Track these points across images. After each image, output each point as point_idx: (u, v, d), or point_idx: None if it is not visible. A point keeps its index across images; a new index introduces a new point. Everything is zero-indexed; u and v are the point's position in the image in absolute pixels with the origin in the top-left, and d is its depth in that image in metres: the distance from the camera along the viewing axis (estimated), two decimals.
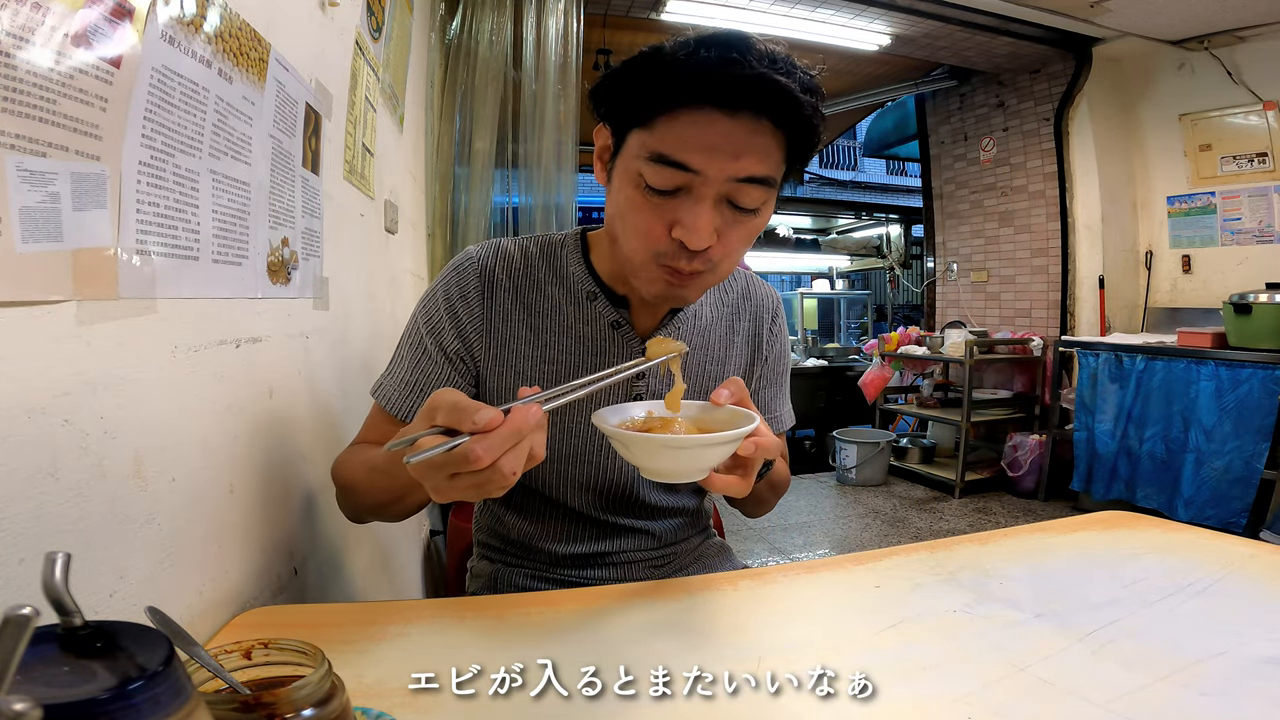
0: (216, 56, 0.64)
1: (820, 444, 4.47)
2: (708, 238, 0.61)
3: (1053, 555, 0.78)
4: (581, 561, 0.83)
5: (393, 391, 0.76)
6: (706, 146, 0.58)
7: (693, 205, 0.61)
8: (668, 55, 0.59)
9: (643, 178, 0.61)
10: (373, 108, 1.33)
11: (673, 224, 0.61)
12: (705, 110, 0.58)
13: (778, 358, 0.90)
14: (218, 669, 0.37)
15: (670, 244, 0.63)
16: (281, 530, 0.82)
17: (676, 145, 0.59)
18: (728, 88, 0.57)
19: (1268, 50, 3.05)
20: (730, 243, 0.64)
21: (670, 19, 3.20)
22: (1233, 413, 2.64)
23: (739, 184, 0.60)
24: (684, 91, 0.58)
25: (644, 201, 0.62)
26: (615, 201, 0.66)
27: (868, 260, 6.39)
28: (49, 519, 0.44)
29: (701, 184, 0.60)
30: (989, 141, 4.13)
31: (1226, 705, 0.48)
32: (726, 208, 0.62)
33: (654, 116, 0.60)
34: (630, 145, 0.63)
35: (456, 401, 0.47)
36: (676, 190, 0.61)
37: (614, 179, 0.67)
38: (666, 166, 0.59)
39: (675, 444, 0.55)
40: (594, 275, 0.78)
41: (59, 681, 0.25)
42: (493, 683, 0.52)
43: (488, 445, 0.45)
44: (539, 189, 2.49)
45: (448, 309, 0.76)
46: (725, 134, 0.58)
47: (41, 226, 0.43)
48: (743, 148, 0.59)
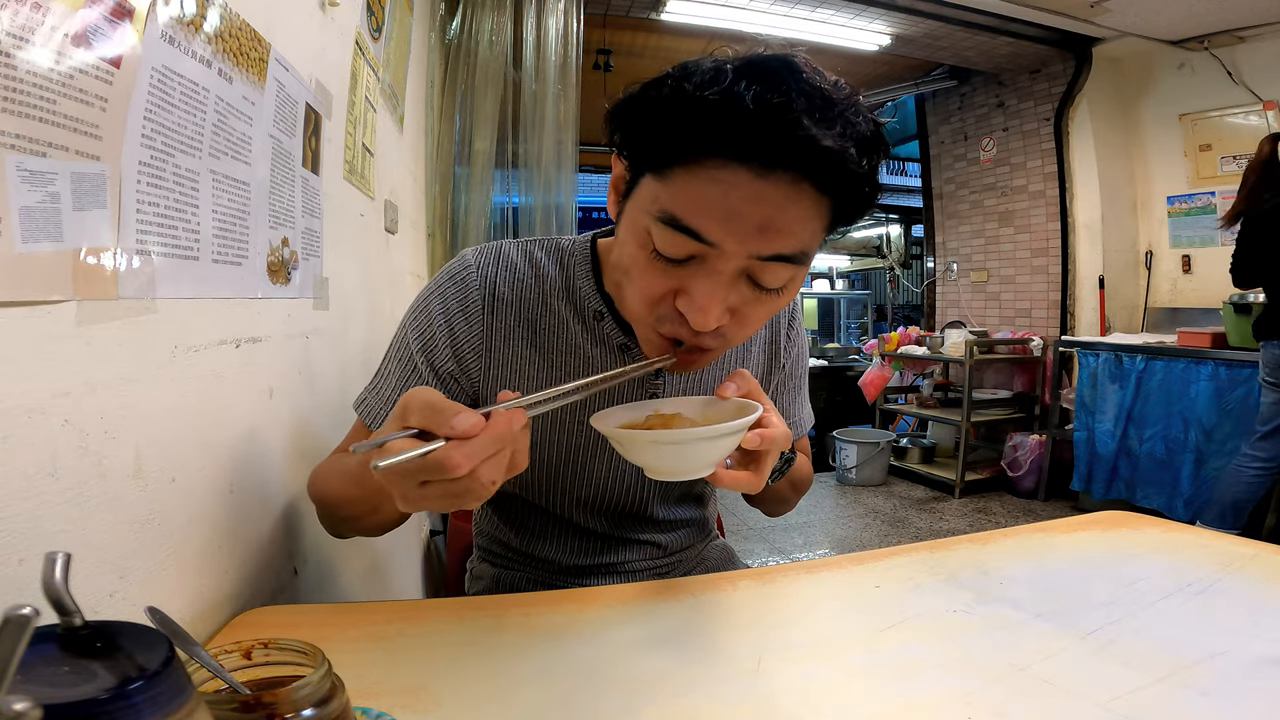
0: (216, 56, 0.64)
1: (820, 444, 4.47)
2: (716, 319, 0.52)
3: (1053, 555, 0.78)
4: (587, 572, 0.82)
5: (377, 408, 0.70)
6: (728, 214, 0.48)
7: (704, 279, 0.51)
8: (692, 91, 0.47)
9: (650, 238, 0.52)
10: (373, 108, 1.33)
11: (678, 292, 0.53)
12: (731, 166, 0.47)
13: (796, 361, 0.85)
14: (218, 669, 0.37)
15: (673, 310, 0.54)
16: (281, 530, 0.82)
17: (691, 208, 0.49)
18: (762, 145, 0.46)
19: (1268, 50, 3.05)
20: (746, 322, 0.55)
21: (670, 19, 3.20)
22: (1233, 413, 2.64)
23: (763, 261, 0.50)
24: (706, 141, 0.47)
25: (649, 263, 0.53)
26: (621, 250, 0.57)
27: (868, 260, 6.39)
28: (49, 519, 0.44)
29: (718, 258, 0.50)
30: (989, 141, 4.14)
31: (1226, 705, 0.48)
32: (745, 284, 0.53)
33: (670, 165, 0.49)
34: (642, 192, 0.53)
35: (432, 401, 0.41)
36: (688, 259, 0.51)
37: (623, 222, 0.57)
38: (678, 232, 0.49)
39: (671, 439, 0.50)
40: (603, 292, 0.70)
41: (59, 681, 0.25)
42: (493, 682, 0.52)
43: (467, 452, 0.39)
44: (539, 189, 2.49)
45: (445, 325, 0.69)
46: (753, 199, 0.47)
47: (41, 226, 0.43)
48: (773, 218, 0.48)
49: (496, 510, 0.86)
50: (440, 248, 2.39)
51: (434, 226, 2.37)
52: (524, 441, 0.45)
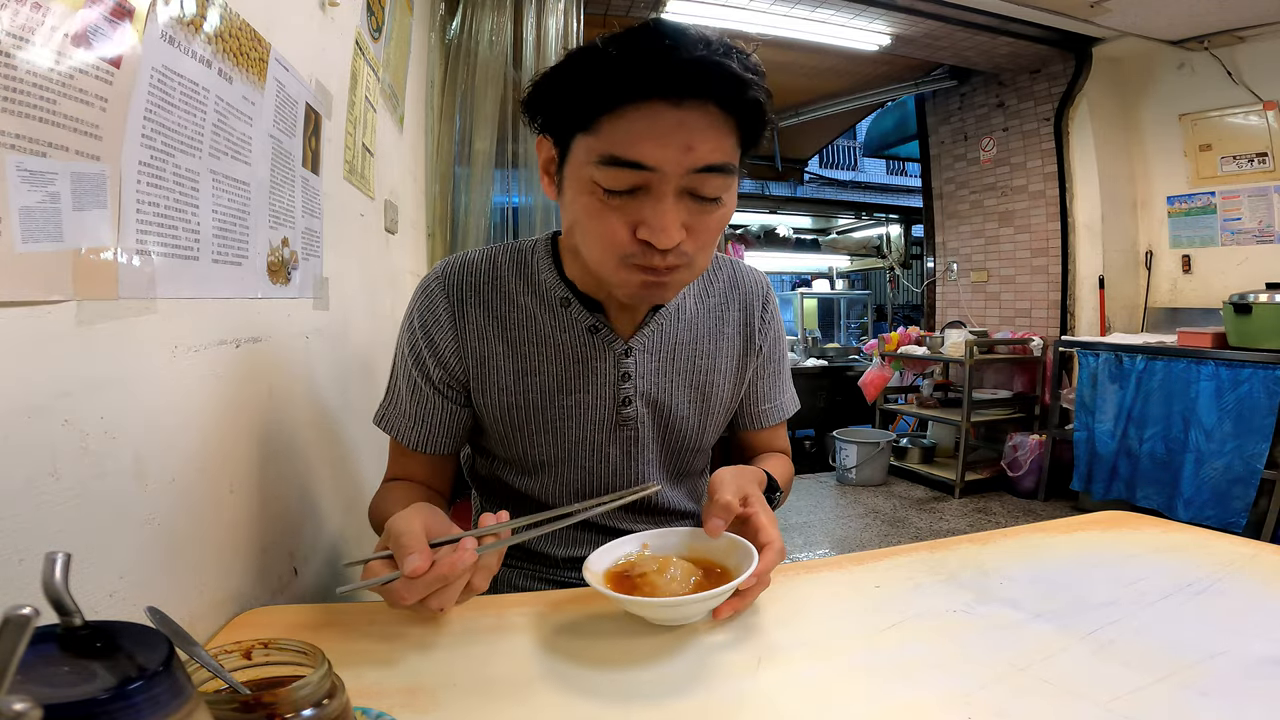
0: (216, 56, 0.64)
1: (820, 444, 4.47)
2: (676, 234, 0.58)
3: (1053, 555, 0.78)
4: (580, 565, 0.83)
5: (401, 424, 0.78)
6: (657, 140, 0.56)
7: (655, 204, 0.58)
8: (601, 52, 0.56)
9: (597, 183, 0.58)
10: (373, 108, 1.33)
11: (636, 225, 0.59)
12: (649, 104, 0.55)
13: (773, 344, 0.87)
14: (218, 669, 0.37)
15: (637, 245, 0.60)
16: (281, 530, 0.82)
17: (626, 144, 0.56)
18: (669, 76, 0.54)
19: (1268, 50, 3.05)
20: (701, 235, 0.61)
21: (670, 19, 3.19)
22: (1233, 413, 2.64)
23: (698, 174, 0.58)
24: (624, 87, 0.55)
25: (602, 207, 0.59)
26: (571, 212, 0.63)
27: (868, 260, 6.38)
28: (49, 519, 0.44)
29: (660, 181, 0.57)
30: (989, 141, 4.13)
31: (1226, 705, 0.48)
32: (690, 200, 0.59)
33: (596, 118, 0.57)
34: (576, 153, 0.60)
35: (399, 537, 0.52)
36: (634, 190, 0.58)
37: (565, 190, 0.64)
38: (619, 168, 0.57)
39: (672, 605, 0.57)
40: (566, 281, 0.75)
41: (59, 681, 0.25)
42: (493, 683, 0.52)
43: (411, 589, 0.51)
44: (539, 189, 2.48)
45: (424, 338, 0.75)
46: (675, 125, 0.56)
47: (41, 226, 0.43)
48: (695, 137, 0.56)
49: (497, 507, 0.86)
50: (440, 248, 2.39)
51: (434, 226, 2.37)
52: (486, 572, 0.55)
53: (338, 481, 1.06)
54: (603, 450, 0.79)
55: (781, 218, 5.96)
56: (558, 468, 0.79)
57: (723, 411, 0.84)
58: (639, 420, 0.78)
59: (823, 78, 4.32)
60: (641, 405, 0.78)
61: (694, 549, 0.65)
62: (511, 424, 0.77)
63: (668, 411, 0.79)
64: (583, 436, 0.78)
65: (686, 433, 0.82)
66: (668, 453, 0.83)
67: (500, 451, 0.81)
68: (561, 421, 0.76)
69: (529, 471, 0.80)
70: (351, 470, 1.14)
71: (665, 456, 0.83)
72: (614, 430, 0.78)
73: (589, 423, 0.77)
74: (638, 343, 0.76)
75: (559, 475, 0.80)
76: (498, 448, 0.81)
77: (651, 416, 0.79)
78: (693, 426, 0.82)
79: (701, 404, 0.81)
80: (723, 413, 0.84)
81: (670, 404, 0.79)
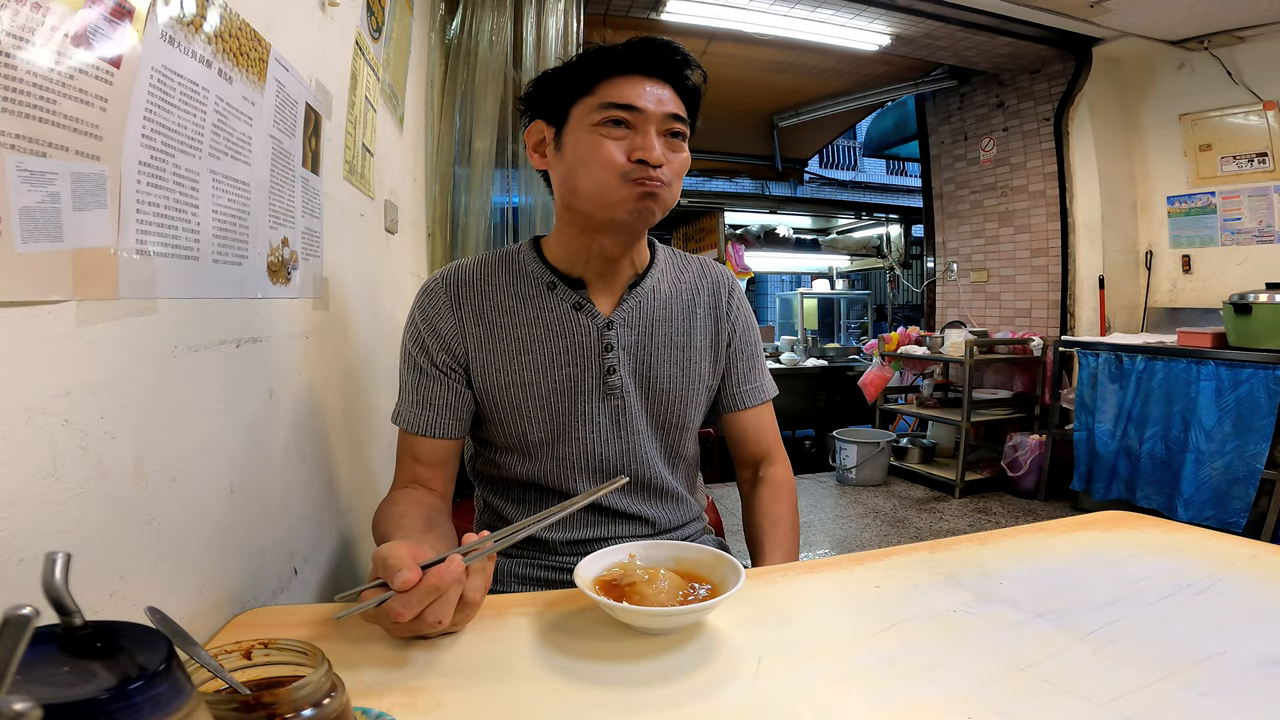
0: (216, 56, 0.64)
1: (820, 444, 4.47)
2: (661, 153, 0.77)
3: (1053, 555, 0.78)
4: (580, 548, 0.86)
5: (408, 412, 0.85)
6: (640, 95, 0.77)
7: (644, 136, 0.77)
8: (600, 48, 0.79)
9: (598, 126, 0.77)
10: (373, 108, 1.33)
11: (631, 150, 0.76)
12: (633, 76, 0.78)
13: (745, 328, 0.96)
14: (218, 669, 0.37)
15: (632, 164, 0.76)
16: (281, 530, 0.82)
17: (620, 95, 0.77)
18: (647, 60, 0.78)
19: (1268, 50, 3.05)
20: (674, 166, 0.79)
21: (670, 19, 3.19)
22: (1233, 413, 2.64)
23: (669, 120, 0.78)
24: (618, 63, 0.78)
25: (604, 139, 0.76)
26: (574, 155, 0.78)
27: (868, 260, 6.37)
28: (49, 519, 0.44)
29: (644, 120, 0.77)
30: (989, 141, 4.13)
31: (1226, 705, 0.48)
32: (664, 139, 0.78)
33: (595, 84, 0.78)
34: (576, 114, 0.79)
35: (387, 559, 0.54)
36: (626, 126, 0.77)
37: (565, 146, 0.80)
38: (618, 109, 0.76)
39: (664, 615, 0.58)
40: (551, 268, 0.86)
41: (59, 681, 0.25)
42: (493, 682, 0.52)
43: (405, 602, 0.52)
44: (539, 189, 2.48)
45: (426, 327, 0.84)
46: (650, 88, 0.78)
47: (41, 226, 0.43)
48: (663, 97, 0.78)
49: (499, 499, 0.91)
50: (440, 248, 2.39)
51: (434, 226, 2.37)
52: (479, 580, 0.58)
53: (338, 481, 1.06)
54: (594, 420, 0.85)
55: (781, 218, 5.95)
56: (554, 445, 0.85)
57: (703, 386, 0.90)
58: (624, 389, 0.85)
59: (822, 78, 4.32)
60: (626, 374, 0.86)
61: (680, 561, 0.68)
62: (508, 403, 0.84)
63: (650, 378, 0.87)
64: (574, 407, 0.84)
65: (671, 402, 0.88)
66: (656, 424, 0.88)
67: (499, 438, 0.86)
68: (554, 395, 0.84)
69: (528, 453, 0.86)
70: (352, 470, 1.14)
71: (654, 428, 0.88)
72: (603, 400, 0.85)
73: (579, 393, 0.84)
74: (618, 317, 0.86)
75: (555, 453, 0.85)
76: (497, 434, 0.86)
77: (635, 384, 0.86)
78: (676, 396, 0.88)
79: (681, 375, 0.89)
80: (703, 388, 0.91)
81: (651, 372, 0.87)
